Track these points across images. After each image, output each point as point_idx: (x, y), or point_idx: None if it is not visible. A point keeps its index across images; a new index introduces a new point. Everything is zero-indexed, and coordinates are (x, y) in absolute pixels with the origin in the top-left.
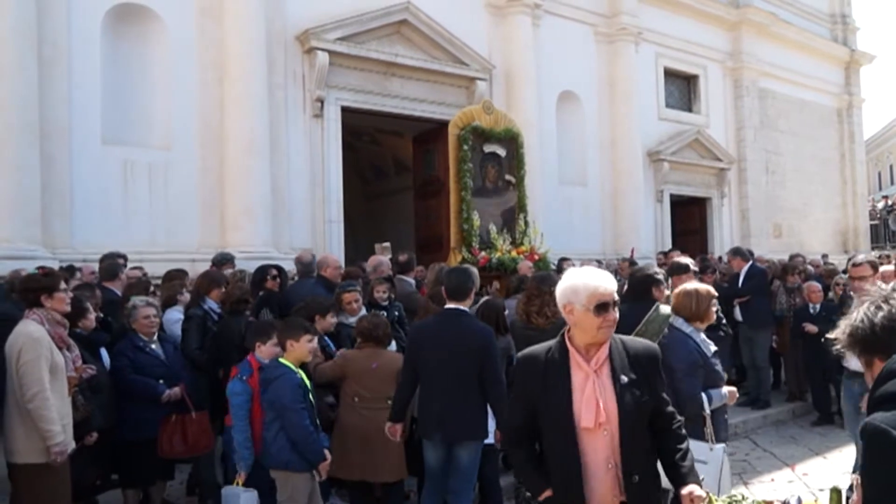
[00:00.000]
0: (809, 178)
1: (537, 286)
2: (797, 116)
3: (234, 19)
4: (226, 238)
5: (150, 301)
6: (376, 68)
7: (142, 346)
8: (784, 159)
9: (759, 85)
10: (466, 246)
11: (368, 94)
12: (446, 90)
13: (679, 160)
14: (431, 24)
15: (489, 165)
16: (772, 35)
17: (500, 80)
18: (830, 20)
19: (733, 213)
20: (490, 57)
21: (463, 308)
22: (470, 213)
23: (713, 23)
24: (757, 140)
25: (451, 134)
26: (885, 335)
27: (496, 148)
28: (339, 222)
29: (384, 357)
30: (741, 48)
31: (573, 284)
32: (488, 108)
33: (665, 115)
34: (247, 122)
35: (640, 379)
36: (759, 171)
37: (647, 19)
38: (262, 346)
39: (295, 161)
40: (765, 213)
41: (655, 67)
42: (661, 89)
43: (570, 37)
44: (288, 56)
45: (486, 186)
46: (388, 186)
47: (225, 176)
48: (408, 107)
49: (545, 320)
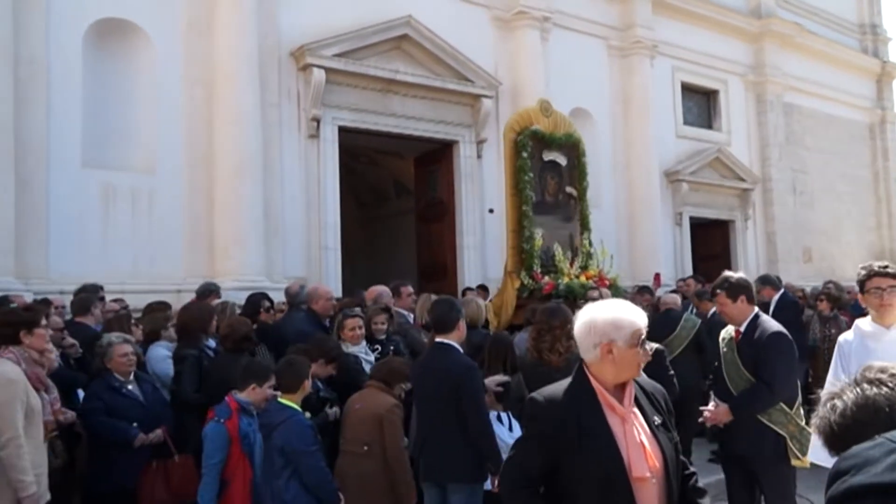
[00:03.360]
0: (840, 198)
1: (547, 320)
2: (825, 132)
3: (224, 33)
4: (214, 267)
5: (126, 337)
6: (375, 86)
7: (117, 386)
8: (812, 178)
9: (784, 100)
10: (527, 269)
11: (367, 113)
12: (449, 108)
13: (699, 180)
14: (434, 39)
15: (549, 176)
16: (797, 47)
17: (507, 98)
18: (859, 31)
19: (758, 236)
20: (496, 73)
21: (448, 342)
22: (532, 231)
23: (734, 34)
24: (782, 158)
25: (508, 139)
26: (843, 433)
27: (556, 156)
28: (335, 249)
29: (370, 398)
30: (764, 61)
31: (616, 319)
32: (546, 110)
33: (683, 133)
34: (237, 142)
35: (666, 419)
36: (785, 191)
37: (663, 32)
38: (257, 388)
39: (289, 184)
40: (793, 235)
41: (672, 82)
42: (678, 105)
43: (582, 51)
44: (282, 73)
45: (545, 200)
46: (388, 210)
47: (213, 200)
48: (409, 126)
49: (558, 357)
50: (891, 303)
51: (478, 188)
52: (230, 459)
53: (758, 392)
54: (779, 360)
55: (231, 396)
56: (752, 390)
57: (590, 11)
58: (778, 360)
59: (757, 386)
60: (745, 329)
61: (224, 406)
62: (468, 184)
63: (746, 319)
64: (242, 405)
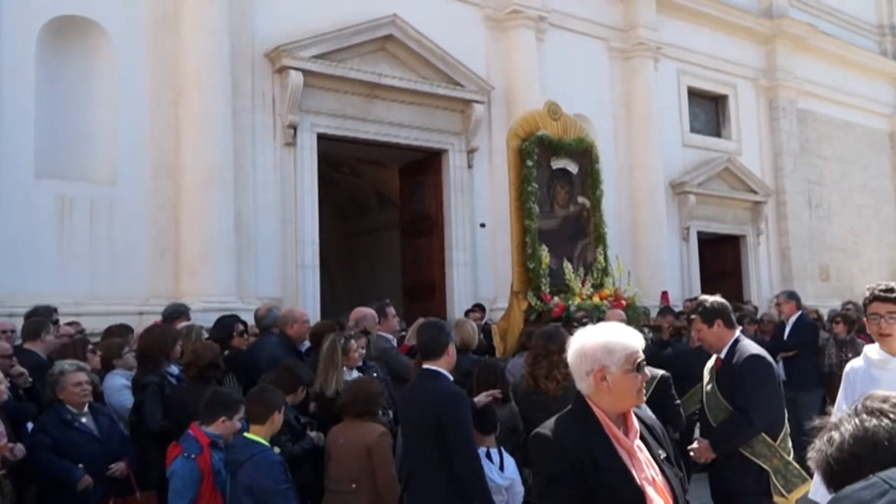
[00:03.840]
0: (859, 212)
1: (544, 344)
2: (842, 141)
3: (192, 32)
4: (180, 286)
5: (80, 365)
6: (357, 90)
7: (69, 419)
8: (829, 190)
9: (798, 106)
10: (534, 290)
11: (348, 120)
12: (438, 115)
13: (707, 192)
14: (421, 40)
15: (558, 185)
16: (811, 49)
17: (500, 103)
18: (878, 32)
19: (772, 252)
20: (488, 77)
21: (436, 369)
22: (536, 248)
23: (743, 36)
24: (797, 169)
25: (511, 146)
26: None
27: (567, 163)
28: (314, 267)
29: (354, 430)
30: (776, 64)
31: (607, 343)
32: (554, 112)
33: (690, 142)
34: (206, 150)
35: (669, 453)
36: (800, 203)
37: (668, 33)
38: (227, 421)
39: (263, 196)
40: (809, 252)
41: (678, 87)
42: (684, 112)
43: (580, 53)
44: (256, 75)
45: (554, 212)
46: (371, 224)
47: (180, 213)
48: (393, 134)
49: (556, 385)
50: (890, 331)
51: (468, 201)
52: (201, 498)
53: (735, 422)
54: (756, 385)
55: (198, 429)
56: (729, 421)
57: (589, 11)
58: (755, 386)
59: (733, 415)
60: (725, 356)
61: (192, 440)
62: (458, 196)
63: (726, 345)
64: (213, 439)
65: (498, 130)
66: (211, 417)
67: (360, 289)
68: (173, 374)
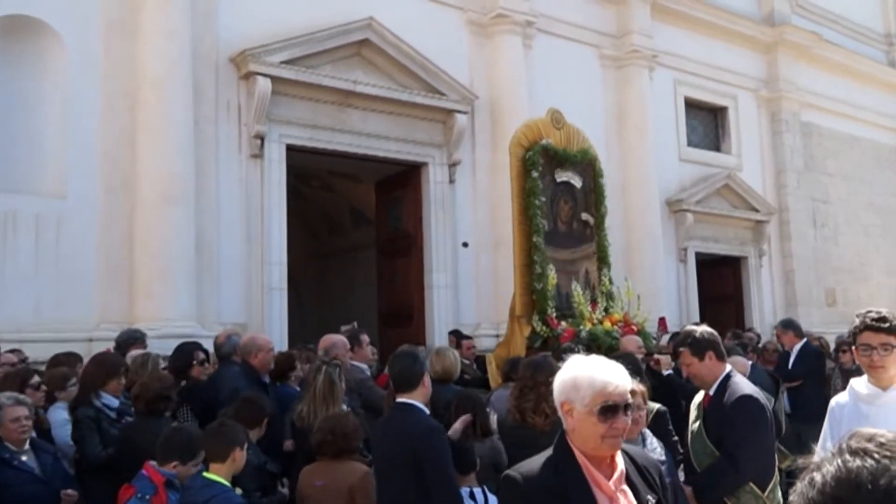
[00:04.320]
0: (866, 232)
1: (532, 375)
2: (849, 156)
3: (151, 35)
4: (134, 310)
5: (20, 398)
6: (330, 98)
7: (8, 457)
8: (835, 209)
9: (802, 119)
10: (540, 314)
11: (320, 130)
12: (417, 125)
13: (706, 210)
14: (399, 46)
15: (562, 200)
16: (815, 59)
17: (485, 113)
18: (885, 41)
19: (775, 275)
20: (472, 85)
21: (411, 402)
22: (545, 268)
23: (744, 44)
24: (801, 186)
25: (515, 155)
26: None
27: (571, 176)
28: (281, 289)
29: (333, 471)
30: (778, 74)
31: (574, 377)
32: (557, 121)
33: (687, 156)
34: (165, 162)
35: (661, 498)
36: (804, 223)
37: (664, 40)
38: (180, 466)
39: (226, 212)
40: (814, 275)
41: (674, 97)
42: (681, 124)
43: (570, 61)
44: (220, 82)
45: (558, 229)
46: (344, 243)
47: (135, 231)
48: (369, 145)
49: (543, 419)
50: (882, 364)
51: (450, 218)
52: None
53: (720, 469)
54: (745, 428)
55: (152, 468)
56: (713, 467)
57: (580, 16)
58: (744, 429)
59: (719, 461)
60: (715, 392)
61: (146, 480)
62: (438, 213)
63: (717, 380)
64: (169, 478)
65: (482, 142)
66: (165, 460)
67: (331, 313)
68: (111, 406)
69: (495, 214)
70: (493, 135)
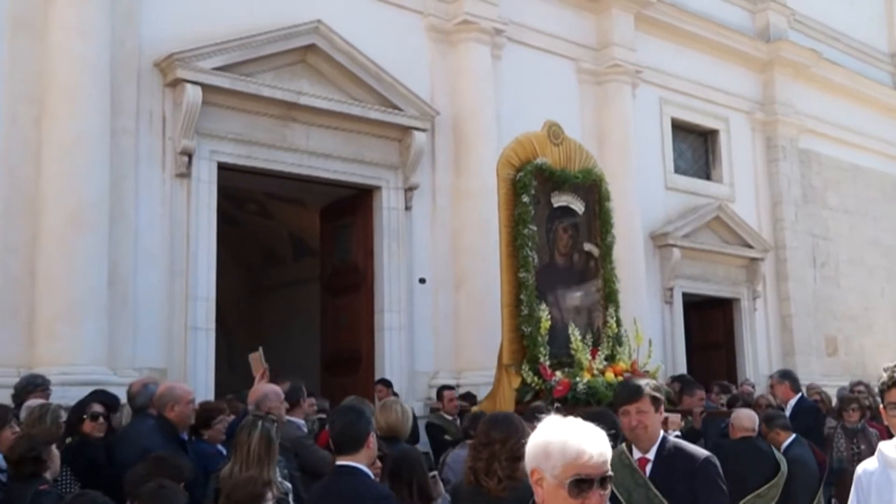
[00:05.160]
0: (872, 273)
1: (487, 431)
2: (851, 188)
3: (62, 34)
4: (35, 353)
5: None
6: (271, 111)
7: None
8: (836, 247)
9: (800, 145)
10: (530, 362)
11: (258, 147)
12: (370, 144)
13: (694, 246)
14: (351, 53)
15: (560, 227)
16: (813, 79)
17: (447, 132)
18: (892, 62)
19: (770, 320)
20: (432, 99)
21: (354, 465)
22: (535, 307)
23: (737, 61)
24: (799, 220)
25: (503, 177)
26: None
27: (570, 200)
28: (208, 329)
29: None
30: (774, 95)
31: (546, 443)
32: (556, 136)
33: (674, 184)
34: (75, 182)
35: None
36: (803, 262)
37: (649, 55)
38: None
39: (146, 239)
40: (813, 320)
41: (660, 119)
42: (668, 148)
43: (544, 74)
44: (142, 89)
45: (554, 262)
46: (284, 277)
47: (37, 260)
48: (314, 165)
49: (497, 483)
50: None
51: (405, 250)
52: None
53: None
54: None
55: None
56: None
57: (555, 25)
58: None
59: None
60: (655, 455)
61: None
62: (392, 244)
63: (657, 441)
64: None
65: (443, 164)
66: None
67: (267, 359)
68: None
69: (458, 246)
70: (455, 155)
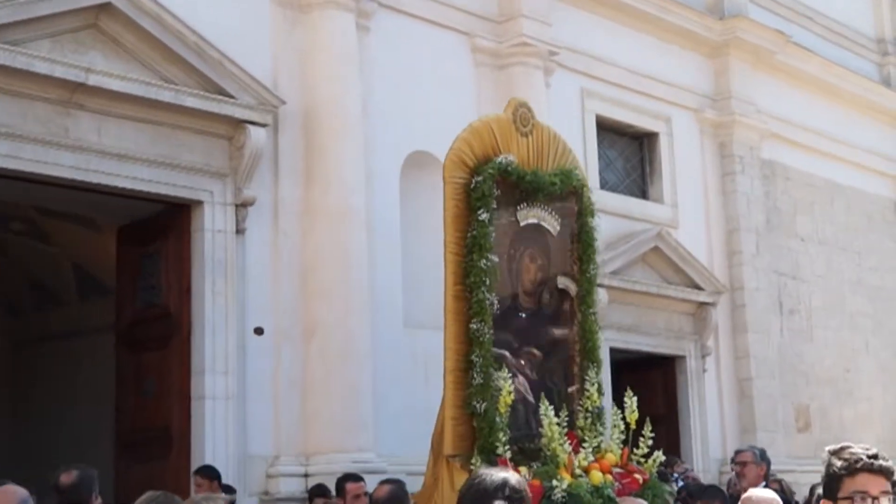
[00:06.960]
0: (853, 322)
1: None
2: (829, 212)
3: None
4: None
5: None
6: (48, 93)
7: None
8: (809, 288)
9: (763, 155)
10: (483, 453)
11: (27, 143)
12: (188, 142)
13: (626, 286)
14: (161, 17)
15: (527, 255)
16: (780, 69)
17: (296, 128)
18: (878, 49)
19: (724, 384)
20: (276, 85)
21: None
22: (490, 374)
23: (682, 43)
24: (761, 253)
25: (451, 183)
26: None
27: (543, 216)
28: None
29: None
30: (729, 88)
31: None
32: (524, 121)
33: (601, 204)
34: None
35: None
36: (766, 308)
37: (566, 31)
38: None
39: None
40: (780, 385)
41: (582, 116)
42: (592, 156)
43: (428, 53)
44: None
45: (518, 303)
46: (64, 324)
47: None
48: (109, 170)
49: None
50: None
51: (236, 289)
52: None
53: None
54: None
55: None
56: None
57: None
58: None
59: None
60: None
61: None
62: (218, 281)
63: None
64: None
65: (289, 171)
66: None
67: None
68: None
69: (309, 285)
70: (307, 160)
